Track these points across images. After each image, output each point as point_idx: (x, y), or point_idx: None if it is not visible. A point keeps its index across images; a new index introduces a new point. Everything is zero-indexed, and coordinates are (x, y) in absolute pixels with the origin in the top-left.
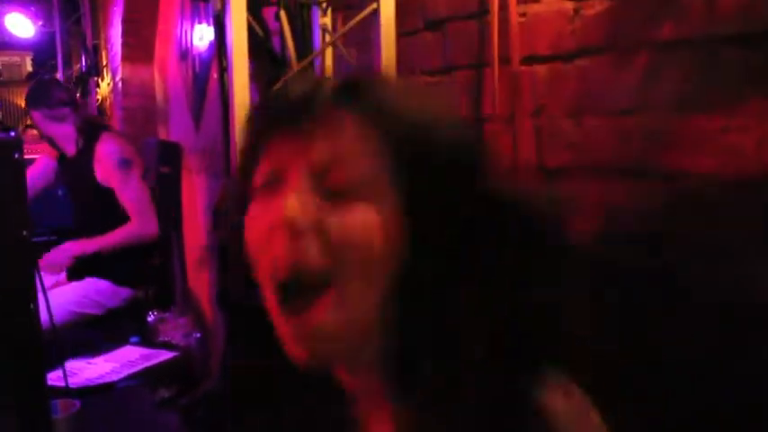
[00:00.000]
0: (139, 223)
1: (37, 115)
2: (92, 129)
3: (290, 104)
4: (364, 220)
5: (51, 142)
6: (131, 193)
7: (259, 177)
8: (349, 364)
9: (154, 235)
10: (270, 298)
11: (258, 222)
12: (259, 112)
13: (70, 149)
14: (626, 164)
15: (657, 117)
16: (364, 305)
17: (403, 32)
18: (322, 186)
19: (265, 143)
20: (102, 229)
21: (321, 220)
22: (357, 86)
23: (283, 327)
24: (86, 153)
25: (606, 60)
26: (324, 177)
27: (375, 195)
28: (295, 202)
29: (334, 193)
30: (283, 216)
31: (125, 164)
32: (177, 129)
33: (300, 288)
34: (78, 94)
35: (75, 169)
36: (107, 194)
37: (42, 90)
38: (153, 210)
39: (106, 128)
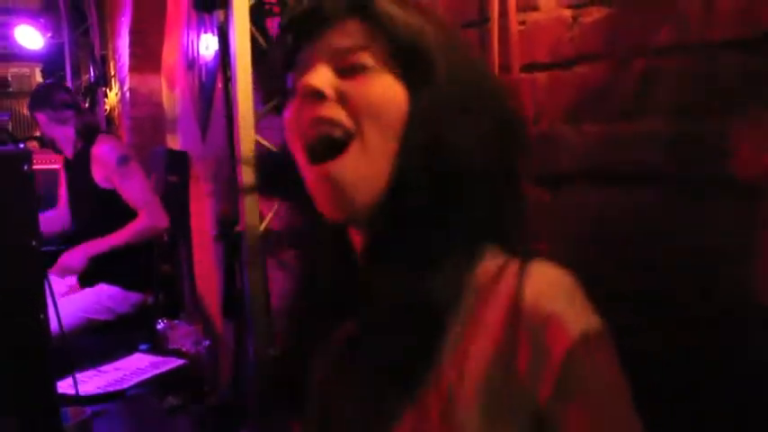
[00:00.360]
0: (148, 216)
1: (41, 117)
2: (89, 132)
3: (309, 16)
4: (378, 86)
5: (53, 144)
6: (134, 187)
7: (291, 81)
8: (359, 215)
9: (164, 226)
10: (301, 159)
11: (292, 106)
12: (284, 30)
13: (69, 152)
14: (625, 169)
15: (656, 123)
16: (381, 158)
17: None
18: (339, 66)
19: (293, 55)
20: (103, 232)
21: (340, 88)
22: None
23: (311, 177)
24: (84, 156)
25: (605, 67)
26: (340, 60)
27: (384, 71)
28: (316, 74)
29: (350, 69)
30: (308, 85)
31: (123, 160)
32: (185, 137)
33: (325, 145)
34: (87, 104)
35: (74, 172)
36: (107, 197)
37: (47, 93)
38: (158, 201)
39: (102, 131)
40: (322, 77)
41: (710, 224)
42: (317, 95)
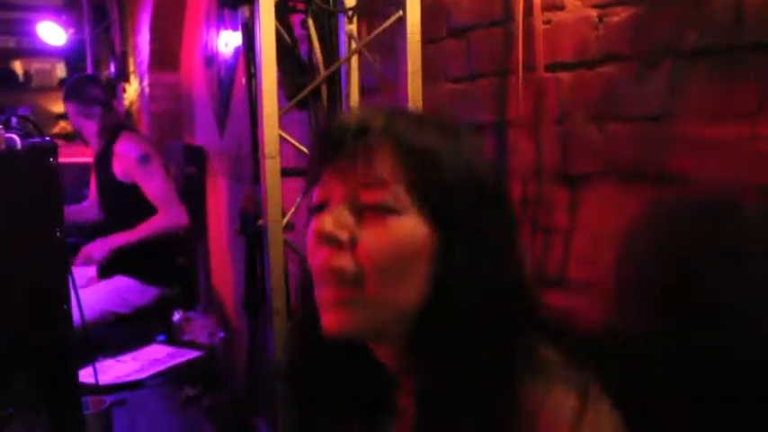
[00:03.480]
0: (168, 214)
1: (70, 107)
2: (114, 129)
3: (337, 139)
4: (396, 233)
5: (80, 135)
6: (155, 185)
7: (315, 198)
8: (373, 341)
9: (184, 224)
10: (316, 288)
11: (311, 236)
12: (315, 143)
13: (94, 146)
14: (650, 171)
15: (682, 124)
16: (389, 304)
17: (428, 40)
18: (359, 204)
19: (319, 171)
20: (126, 224)
21: (355, 233)
22: (389, 124)
23: (322, 309)
24: (107, 152)
25: (631, 67)
26: (361, 195)
27: (407, 212)
28: (331, 219)
29: (369, 209)
30: (323, 231)
31: (144, 158)
32: (202, 133)
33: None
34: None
35: (99, 166)
36: (128, 190)
37: (80, 85)
38: (179, 199)
39: (126, 127)
40: (339, 221)
41: (737, 228)
42: (332, 241)
